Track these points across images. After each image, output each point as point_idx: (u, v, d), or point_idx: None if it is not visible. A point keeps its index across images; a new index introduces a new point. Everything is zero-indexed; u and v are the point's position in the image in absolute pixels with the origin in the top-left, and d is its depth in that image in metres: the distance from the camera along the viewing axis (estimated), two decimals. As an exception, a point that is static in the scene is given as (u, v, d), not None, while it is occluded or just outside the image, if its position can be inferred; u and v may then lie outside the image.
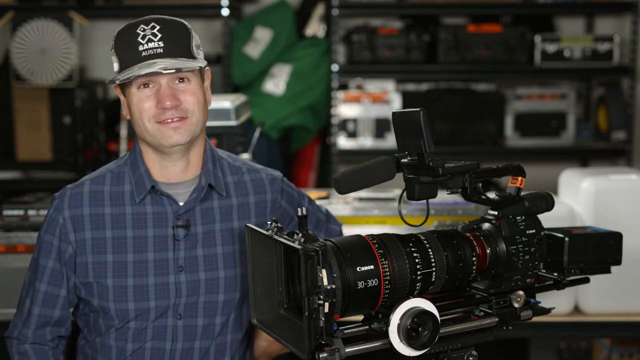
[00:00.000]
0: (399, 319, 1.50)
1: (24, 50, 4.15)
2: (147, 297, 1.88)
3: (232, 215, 1.96)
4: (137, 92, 1.84)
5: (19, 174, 4.38)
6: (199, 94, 1.87)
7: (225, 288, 1.93)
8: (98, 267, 1.89)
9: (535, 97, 4.51)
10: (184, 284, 1.90)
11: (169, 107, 1.82)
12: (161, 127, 1.83)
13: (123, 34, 1.85)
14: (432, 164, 1.54)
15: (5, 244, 2.60)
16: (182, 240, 1.90)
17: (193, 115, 1.85)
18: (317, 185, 4.68)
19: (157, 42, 1.81)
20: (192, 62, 1.84)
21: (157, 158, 1.91)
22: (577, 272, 1.75)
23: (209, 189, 1.94)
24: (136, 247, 1.89)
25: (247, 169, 2.03)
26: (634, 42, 4.47)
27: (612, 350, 3.47)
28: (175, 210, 1.91)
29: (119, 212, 1.90)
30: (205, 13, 4.43)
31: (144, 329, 1.89)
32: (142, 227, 1.90)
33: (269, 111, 4.35)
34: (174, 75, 1.83)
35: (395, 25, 4.48)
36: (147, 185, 1.90)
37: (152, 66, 1.79)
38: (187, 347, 1.91)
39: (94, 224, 1.90)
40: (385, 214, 2.80)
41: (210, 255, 1.92)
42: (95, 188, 1.92)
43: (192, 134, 1.87)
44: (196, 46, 1.88)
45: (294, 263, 1.47)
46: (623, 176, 2.74)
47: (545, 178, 3.54)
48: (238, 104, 2.74)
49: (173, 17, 1.87)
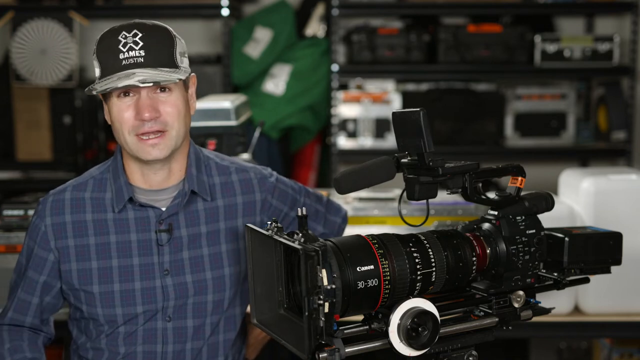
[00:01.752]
0: (399, 319, 1.50)
1: (24, 50, 4.15)
2: (134, 302, 1.87)
3: (218, 217, 1.94)
4: (117, 101, 1.80)
5: (19, 174, 4.38)
6: (180, 105, 1.82)
7: (213, 288, 1.91)
8: (83, 274, 1.87)
9: (535, 97, 4.51)
10: (170, 287, 1.88)
11: (147, 118, 1.78)
12: (140, 142, 1.80)
13: (105, 39, 1.80)
14: (432, 164, 1.54)
15: (5, 244, 2.60)
16: (165, 245, 1.88)
17: (172, 128, 1.81)
18: (317, 185, 4.67)
19: (138, 51, 1.76)
20: (173, 73, 1.78)
21: (139, 166, 1.88)
22: (577, 272, 1.75)
23: (193, 194, 1.92)
24: (120, 252, 1.87)
25: (236, 169, 2.00)
26: (634, 42, 4.47)
27: (612, 350, 3.47)
28: (158, 215, 1.89)
29: (101, 218, 1.89)
30: (205, 13, 4.43)
31: (133, 333, 1.88)
32: (125, 232, 1.88)
33: (269, 111, 4.35)
34: (155, 86, 1.79)
35: (395, 25, 4.48)
36: (126, 196, 1.87)
37: (131, 77, 1.74)
38: (179, 349, 1.90)
39: (76, 231, 1.88)
40: (385, 214, 2.80)
41: (196, 257, 1.90)
42: (77, 195, 1.90)
43: (172, 147, 1.83)
44: (180, 54, 1.83)
45: (294, 263, 1.47)
46: (623, 176, 2.74)
47: (545, 178, 3.54)
48: (238, 104, 2.74)
49: (157, 23, 1.82)
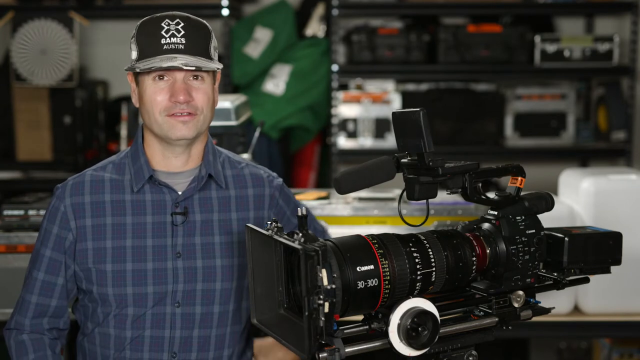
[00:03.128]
0: (399, 318, 1.50)
1: (24, 50, 4.15)
2: (145, 282, 1.91)
3: (230, 207, 2.00)
4: (152, 83, 1.89)
5: (19, 174, 4.38)
6: (210, 94, 1.93)
7: (222, 276, 1.95)
8: (97, 253, 1.91)
9: (535, 97, 4.51)
10: (180, 270, 1.93)
11: (182, 101, 1.87)
12: (171, 119, 1.88)
13: (147, 25, 1.90)
14: (432, 164, 1.54)
15: (6, 244, 2.60)
16: (180, 226, 1.93)
17: (202, 113, 1.91)
18: (317, 185, 4.68)
19: (180, 38, 1.87)
20: (210, 62, 1.90)
21: (161, 148, 1.96)
22: (577, 272, 1.75)
23: (208, 179, 1.98)
24: (135, 233, 1.93)
25: (247, 164, 2.08)
26: (633, 42, 4.47)
27: (612, 350, 3.47)
28: (174, 198, 1.95)
29: (119, 199, 1.94)
30: (205, 13, 4.42)
31: (142, 316, 1.91)
32: (142, 214, 1.94)
33: (269, 111, 4.35)
34: (190, 73, 1.89)
35: (395, 25, 4.48)
36: (146, 175, 1.94)
37: (174, 60, 1.84)
38: (186, 335, 1.93)
39: (94, 211, 1.93)
40: (385, 214, 2.80)
41: (208, 243, 1.96)
42: (96, 177, 1.97)
43: (199, 130, 1.92)
44: (214, 47, 1.95)
45: (294, 263, 1.47)
46: (623, 176, 2.74)
47: (545, 178, 3.54)
48: (238, 104, 2.75)
49: (197, 17, 1.93)
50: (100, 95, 4.52)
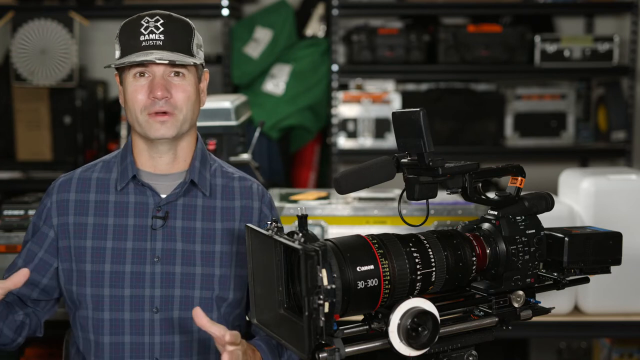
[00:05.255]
0: (398, 318, 1.50)
1: (24, 50, 4.15)
2: (122, 285, 1.90)
3: (215, 217, 1.97)
4: (133, 81, 1.89)
5: (19, 174, 4.37)
6: (190, 92, 1.90)
7: (201, 285, 1.92)
8: (78, 252, 1.92)
9: (535, 97, 4.51)
10: (158, 275, 1.91)
11: (159, 97, 1.85)
12: (150, 119, 1.88)
13: (128, 24, 1.91)
14: (432, 164, 1.54)
15: (5, 244, 2.60)
16: (158, 230, 1.92)
17: (180, 112, 1.89)
18: (317, 185, 4.68)
19: (159, 35, 1.86)
20: (188, 58, 1.87)
21: (146, 147, 1.95)
22: (577, 272, 1.75)
23: (194, 186, 1.96)
24: (116, 234, 1.92)
25: (239, 177, 2.04)
26: (633, 42, 4.47)
27: (612, 350, 3.47)
28: (157, 202, 1.94)
29: (103, 200, 1.95)
30: (205, 13, 4.43)
31: (120, 321, 1.90)
32: (124, 215, 1.93)
33: (269, 111, 4.35)
34: (170, 69, 1.87)
35: (395, 25, 4.48)
36: (130, 174, 1.94)
37: (148, 55, 1.84)
38: (167, 340, 1.91)
39: (77, 209, 1.94)
40: (385, 214, 2.80)
41: (189, 251, 1.93)
42: (84, 175, 1.98)
43: (179, 130, 1.90)
44: (197, 45, 1.92)
45: (294, 263, 1.47)
46: (623, 176, 2.74)
47: (545, 178, 3.54)
48: (238, 104, 2.74)
49: (179, 15, 1.91)
50: (100, 95, 4.52)
